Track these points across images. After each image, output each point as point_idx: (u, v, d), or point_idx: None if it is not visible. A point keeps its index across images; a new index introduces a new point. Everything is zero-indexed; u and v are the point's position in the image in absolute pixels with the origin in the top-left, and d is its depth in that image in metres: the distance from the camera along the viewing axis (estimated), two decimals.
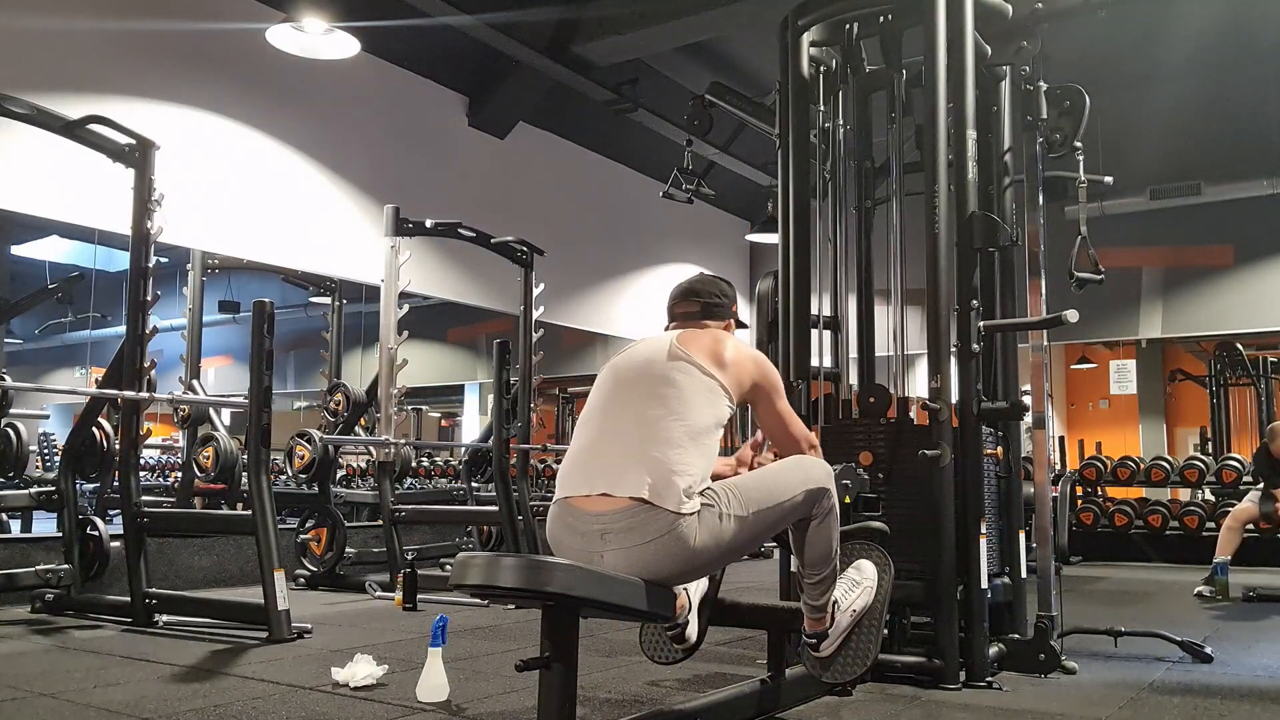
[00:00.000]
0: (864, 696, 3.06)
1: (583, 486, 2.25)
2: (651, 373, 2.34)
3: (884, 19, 3.73)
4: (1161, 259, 8.97)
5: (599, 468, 2.25)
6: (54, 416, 8.81)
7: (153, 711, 2.82)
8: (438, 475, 9.94)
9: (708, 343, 2.40)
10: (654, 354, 2.38)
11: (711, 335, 2.45)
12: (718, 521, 2.21)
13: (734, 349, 2.42)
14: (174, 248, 6.32)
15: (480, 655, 3.70)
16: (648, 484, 2.16)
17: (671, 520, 2.15)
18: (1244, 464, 7.74)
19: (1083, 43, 6.62)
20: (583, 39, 7.19)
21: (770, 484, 2.35)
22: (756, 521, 2.28)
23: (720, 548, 2.22)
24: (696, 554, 2.18)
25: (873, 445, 3.49)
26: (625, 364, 2.44)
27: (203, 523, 5.81)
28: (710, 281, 2.67)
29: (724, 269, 10.64)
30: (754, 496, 2.29)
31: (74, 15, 5.56)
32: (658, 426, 2.24)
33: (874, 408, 3.55)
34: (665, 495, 2.15)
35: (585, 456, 2.32)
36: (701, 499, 2.21)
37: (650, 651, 2.79)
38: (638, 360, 2.41)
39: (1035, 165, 3.74)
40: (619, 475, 2.20)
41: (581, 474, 2.28)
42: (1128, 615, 4.92)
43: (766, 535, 2.43)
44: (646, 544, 2.15)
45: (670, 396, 2.28)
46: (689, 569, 2.25)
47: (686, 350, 2.35)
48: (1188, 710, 2.92)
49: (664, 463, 2.18)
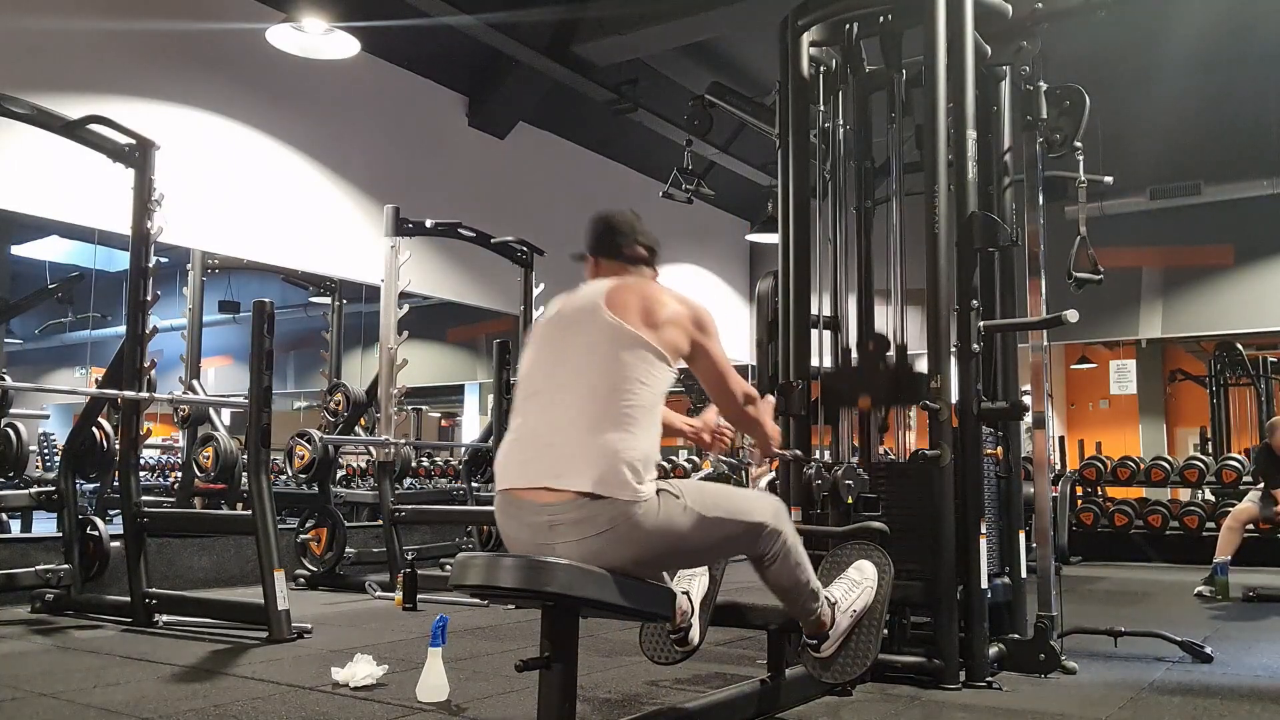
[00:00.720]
0: (864, 696, 3.06)
1: (521, 479, 2.16)
2: (586, 343, 2.22)
3: (884, 19, 3.72)
4: (1161, 259, 8.97)
5: (539, 458, 2.15)
6: (54, 416, 8.81)
7: (153, 711, 2.82)
8: (438, 475, 9.93)
9: (639, 303, 2.25)
10: (586, 320, 2.26)
11: (641, 294, 2.29)
12: (679, 511, 2.15)
13: (668, 308, 2.27)
14: (174, 248, 6.33)
15: (480, 655, 3.70)
16: (593, 476, 2.07)
17: (624, 507, 2.08)
18: (1244, 464, 7.74)
19: (1083, 43, 6.62)
20: (583, 39, 7.19)
21: (735, 498, 2.34)
22: (713, 527, 2.22)
23: (675, 536, 2.15)
24: (651, 538, 2.11)
25: (872, 390, 3.57)
26: (557, 333, 2.32)
27: (203, 523, 5.81)
28: (634, 220, 2.53)
29: (724, 269, 10.67)
30: (717, 502, 2.25)
31: (74, 15, 5.56)
32: (596, 407, 2.14)
33: (873, 354, 3.59)
34: (613, 484, 2.07)
35: (524, 445, 2.21)
36: (664, 489, 2.15)
37: (650, 651, 2.79)
38: (570, 328, 2.29)
39: (1035, 165, 3.74)
40: (561, 466, 2.11)
41: (519, 465, 2.19)
42: (1128, 615, 4.92)
43: (717, 550, 2.42)
44: (600, 534, 2.08)
45: (608, 371, 2.17)
46: (645, 556, 2.15)
47: (620, 318, 2.22)
48: (1188, 710, 2.92)
49: (607, 448, 2.09)
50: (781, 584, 2.44)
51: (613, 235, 2.51)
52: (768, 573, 2.41)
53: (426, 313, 8.58)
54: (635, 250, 2.49)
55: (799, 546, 2.43)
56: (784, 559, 2.38)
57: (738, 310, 10.63)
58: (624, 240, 2.49)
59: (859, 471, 3.39)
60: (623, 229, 2.51)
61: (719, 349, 2.38)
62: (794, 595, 2.48)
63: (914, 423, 5.49)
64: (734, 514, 2.28)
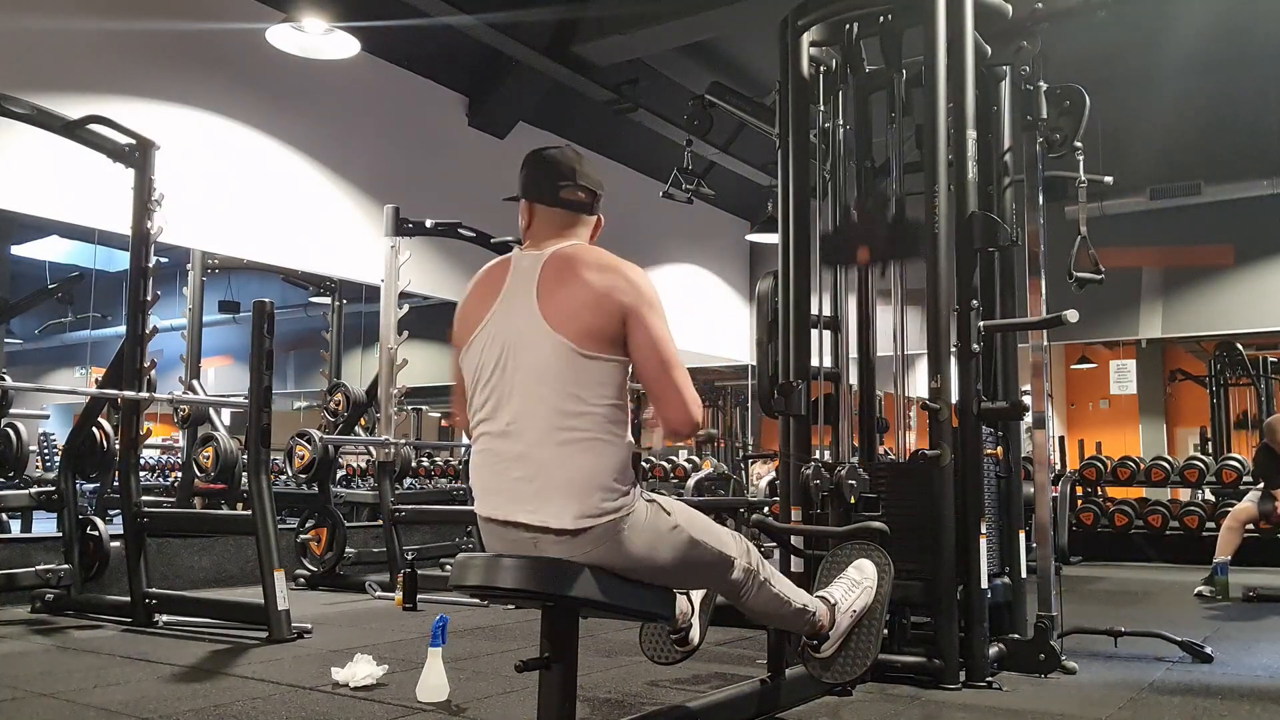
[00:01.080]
0: (864, 696, 3.06)
1: (498, 510, 2.08)
2: (532, 362, 2.05)
3: (884, 19, 3.73)
4: (1161, 259, 8.97)
5: (513, 491, 2.05)
6: (54, 416, 8.80)
7: (153, 711, 2.82)
8: (438, 475, 9.93)
9: (573, 305, 2.05)
10: (526, 330, 2.06)
11: (574, 287, 2.06)
12: (667, 528, 2.11)
13: (601, 295, 2.05)
14: (174, 248, 6.32)
15: (480, 655, 3.70)
16: (572, 513, 2.00)
17: (609, 524, 2.02)
18: (1244, 464, 7.74)
19: (1083, 43, 6.61)
20: (583, 39, 7.18)
21: (713, 528, 2.25)
22: (699, 552, 2.17)
23: (660, 550, 2.09)
24: (636, 548, 2.06)
25: (871, 243, 3.70)
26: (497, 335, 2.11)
27: (203, 523, 5.81)
28: (574, 160, 2.24)
29: (724, 269, 10.66)
30: (705, 529, 2.21)
31: (74, 15, 5.56)
32: (559, 434, 2.01)
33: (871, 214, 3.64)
34: (593, 513, 2.00)
35: (495, 473, 2.09)
36: (656, 502, 2.12)
37: (650, 652, 2.79)
38: (512, 338, 2.09)
39: (1035, 165, 3.74)
40: (537, 503, 2.02)
41: (494, 494, 2.09)
42: (1128, 615, 4.92)
43: (697, 576, 2.33)
44: (586, 551, 2.03)
45: (563, 393, 2.02)
46: (631, 567, 2.09)
47: (559, 331, 2.03)
48: (1188, 710, 2.92)
49: (578, 478, 2.01)
50: (760, 612, 2.42)
51: (550, 178, 2.23)
52: (744, 604, 2.38)
53: (426, 313, 8.56)
54: (575, 195, 2.22)
55: (776, 577, 2.39)
56: (758, 592, 2.35)
57: (738, 310, 10.63)
58: (564, 184, 2.22)
59: (860, 471, 3.39)
60: (561, 170, 2.22)
61: (662, 327, 2.10)
62: (777, 620, 2.48)
63: (914, 423, 5.50)
64: (714, 543, 2.22)
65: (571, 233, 2.23)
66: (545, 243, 2.19)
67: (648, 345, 2.07)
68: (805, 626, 2.53)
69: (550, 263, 2.12)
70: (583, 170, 2.24)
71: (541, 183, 2.24)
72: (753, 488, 9.52)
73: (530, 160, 2.29)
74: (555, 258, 2.12)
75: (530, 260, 2.15)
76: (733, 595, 2.36)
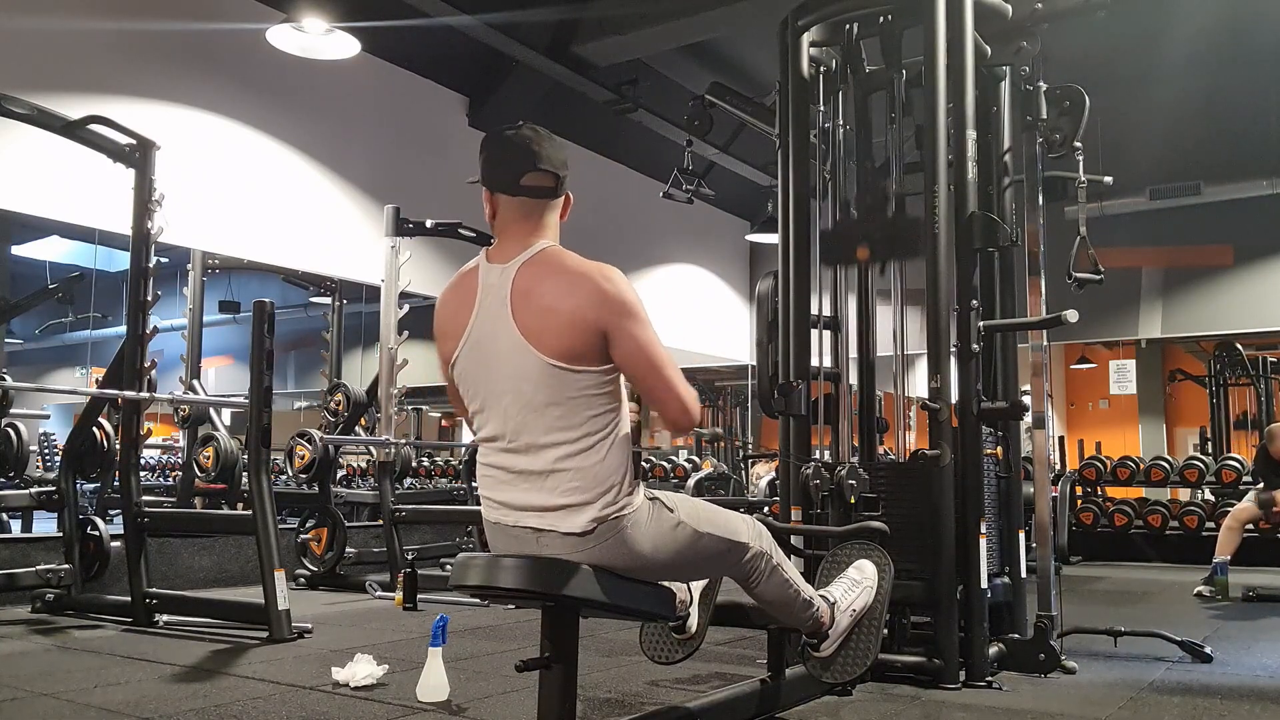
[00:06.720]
0: (864, 696, 3.06)
1: (507, 516, 2.09)
2: (518, 371, 2.03)
3: (884, 19, 3.73)
4: (1161, 259, 8.97)
5: (521, 499, 2.07)
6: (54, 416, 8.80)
7: (153, 711, 2.82)
8: (438, 475, 9.94)
9: (544, 326, 2.01)
10: (508, 348, 2.04)
11: (546, 314, 2.02)
12: (670, 525, 2.11)
13: (575, 318, 2.00)
14: (174, 248, 6.32)
15: (480, 655, 3.70)
16: (578, 514, 2.01)
17: (612, 524, 2.03)
18: (1244, 464, 7.75)
19: (1083, 43, 6.61)
20: (583, 39, 7.18)
21: (720, 516, 2.25)
22: (705, 543, 2.17)
23: (665, 548, 2.10)
24: (641, 547, 2.07)
25: (871, 243, 3.73)
26: (478, 357, 2.11)
27: (203, 523, 5.81)
28: (535, 141, 2.11)
29: (724, 269, 10.65)
30: (711, 518, 2.21)
31: (74, 15, 5.56)
32: (560, 440, 2.02)
33: (871, 214, 3.65)
34: (596, 516, 2.02)
35: (502, 483, 2.10)
36: (658, 499, 2.12)
37: (650, 651, 2.79)
38: (497, 353, 2.07)
39: (1035, 165, 3.74)
40: (545, 508, 2.04)
41: (502, 503, 2.10)
42: (1128, 615, 4.92)
43: (705, 567, 2.36)
44: (591, 551, 2.04)
45: (554, 406, 2.02)
46: (635, 565, 2.09)
47: (537, 346, 2.00)
48: (1188, 710, 2.92)
49: (585, 482, 2.02)
50: (770, 600, 2.43)
51: (510, 166, 2.11)
52: (755, 591, 2.39)
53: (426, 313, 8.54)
54: (537, 181, 2.11)
55: (785, 563, 2.40)
56: (769, 577, 2.35)
57: (738, 310, 10.62)
58: (525, 171, 2.10)
59: (860, 471, 3.40)
60: (521, 156, 2.09)
61: (647, 331, 2.08)
62: (785, 609, 2.48)
63: (914, 423, 5.51)
64: (722, 531, 2.22)
65: (539, 221, 2.15)
66: (511, 240, 2.13)
67: (633, 354, 2.04)
68: (809, 621, 2.53)
69: (520, 279, 2.06)
70: (543, 153, 2.11)
71: (502, 171, 2.12)
72: (753, 488, 9.52)
73: (488, 144, 2.15)
74: (523, 274, 2.06)
75: (498, 274, 2.10)
76: (744, 581, 2.36)
